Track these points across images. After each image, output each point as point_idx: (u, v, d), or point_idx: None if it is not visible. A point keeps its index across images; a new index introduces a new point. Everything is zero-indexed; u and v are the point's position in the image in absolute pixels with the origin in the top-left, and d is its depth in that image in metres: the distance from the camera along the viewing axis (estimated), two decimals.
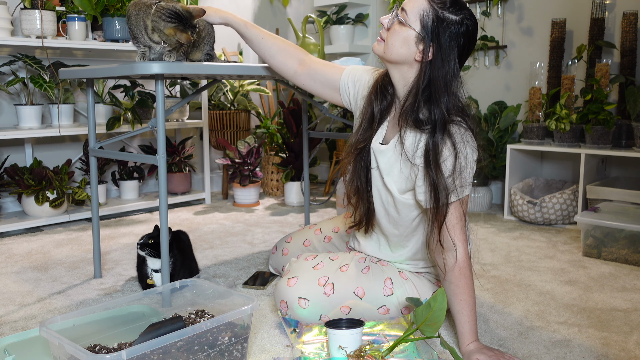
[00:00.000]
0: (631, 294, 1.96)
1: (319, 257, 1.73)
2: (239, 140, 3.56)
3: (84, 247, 2.58)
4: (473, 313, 1.47)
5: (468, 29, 1.44)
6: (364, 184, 1.63)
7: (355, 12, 4.04)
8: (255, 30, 1.76)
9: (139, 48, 1.71)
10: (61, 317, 1.37)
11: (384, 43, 1.50)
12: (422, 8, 1.43)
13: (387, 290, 1.63)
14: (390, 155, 1.55)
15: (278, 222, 3.07)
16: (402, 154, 1.51)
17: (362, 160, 1.62)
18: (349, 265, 1.67)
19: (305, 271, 1.66)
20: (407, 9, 1.45)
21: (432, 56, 1.44)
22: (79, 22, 2.93)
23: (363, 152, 1.62)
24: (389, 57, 1.50)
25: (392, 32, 1.48)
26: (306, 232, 2.06)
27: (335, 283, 1.62)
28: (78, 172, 3.29)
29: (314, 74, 1.76)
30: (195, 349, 1.29)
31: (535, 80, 3.10)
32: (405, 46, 1.46)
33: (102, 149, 2.06)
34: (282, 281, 1.66)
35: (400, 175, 1.54)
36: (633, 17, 2.88)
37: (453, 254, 1.47)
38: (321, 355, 1.46)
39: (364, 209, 1.65)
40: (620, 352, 1.53)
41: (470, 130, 1.47)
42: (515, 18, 3.37)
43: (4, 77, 2.97)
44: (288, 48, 1.78)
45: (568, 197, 2.89)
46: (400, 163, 1.53)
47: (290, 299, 1.61)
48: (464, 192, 1.47)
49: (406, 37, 1.46)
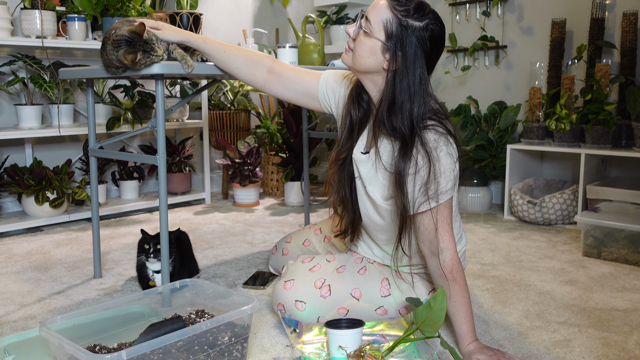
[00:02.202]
0: (631, 294, 1.96)
1: (316, 259, 1.73)
2: (239, 140, 3.56)
3: (84, 247, 2.58)
4: (469, 314, 1.47)
5: (433, 33, 1.42)
6: (348, 194, 1.62)
7: (355, 12, 4.04)
8: (215, 45, 1.68)
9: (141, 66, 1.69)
10: (61, 317, 1.37)
11: (352, 53, 1.48)
12: (385, 17, 1.40)
13: (384, 291, 1.63)
14: (370, 164, 1.54)
15: (278, 222, 3.07)
16: (379, 164, 1.50)
17: (345, 170, 1.60)
18: (345, 266, 1.67)
19: (302, 274, 1.66)
20: (370, 18, 1.42)
21: (399, 65, 1.42)
22: (79, 22, 2.93)
23: (345, 163, 1.60)
24: (358, 68, 1.48)
25: (358, 42, 1.46)
26: (306, 232, 2.06)
27: (332, 285, 1.62)
28: (78, 172, 3.29)
29: (285, 81, 1.70)
30: (195, 349, 1.29)
31: (535, 80, 3.10)
32: (373, 56, 1.44)
33: (102, 149, 2.06)
34: (278, 284, 1.67)
35: (381, 183, 1.53)
36: (633, 17, 2.88)
37: (442, 257, 1.46)
38: (321, 355, 1.46)
39: (349, 218, 1.64)
40: (620, 352, 1.53)
41: (446, 133, 1.44)
42: (515, 18, 3.37)
43: (4, 77, 2.97)
44: (254, 57, 1.70)
45: (568, 197, 2.89)
46: (379, 173, 1.53)
47: (287, 302, 1.61)
48: (443, 199, 1.44)
49: (372, 47, 1.43)
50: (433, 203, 1.43)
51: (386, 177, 1.51)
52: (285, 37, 4.38)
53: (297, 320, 1.61)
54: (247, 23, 4.13)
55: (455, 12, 3.59)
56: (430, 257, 1.49)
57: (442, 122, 1.45)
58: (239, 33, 4.05)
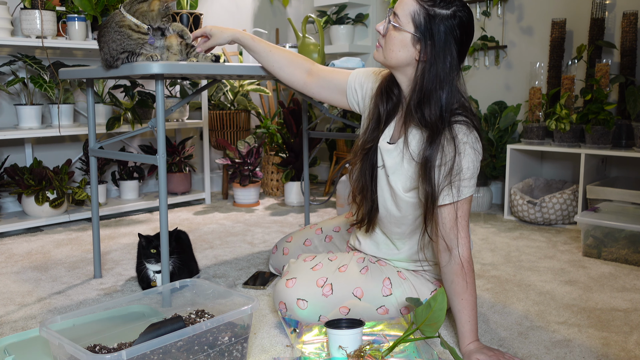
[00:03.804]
0: (631, 294, 1.96)
1: (318, 257, 1.73)
2: (239, 140, 3.56)
3: (84, 247, 2.58)
4: (474, 313, 1.48)
5: (462, 20, 1.45)
6: (369, 183, 1.65)
7: (355, 12, 4.04)
8: (262, 44, 1.79)
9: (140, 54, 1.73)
10: (61, 317, 1.37)
11: (382, 49, 1.52)
12: (412, 9, 1.44)
13: (386, 290, 1.63)
14: (396, 154, 1.57)
15: (278, 222, 3.07)
16: (406, 153, 1.53)
17: (368, 159, 1.64)
18: (347, 265, 1.67)
19: (304, 272, 1.66)
20: (398, 12, 1.47)
21: (429, 54, 1.45)
22: (79, 22, 2.93)
23: (370, 152, 1.64)
24: (390, 63, 1.51)
25: (388, 37, 1.49)
26: (307, 231, 2.06)
27: (333, 284, 1.62)
28: (78, 172, 3.29)
29: (322, 83, 1.79)
30: (195, 349, 1.29)
31: (535, 80, 3.10)
32: (404, 49, 1.47)
33: (102, 149, 2.06)
34: (280, 282, 1.67)
35: (405, 173, 1.55)
36: (633, 17, 2.88)
37: (455, 252, 1.47)
38: (321, 355, 1.46)
39: (367, 208, 1.67)
40: (620, 352, 1.53)
41: (475, 129, 1.48)
42: (515, 18, 3.37)
43: (4, 77, 2.97)
44: (295, 59, 1.80)
45: (568, 197, 2.89)
46: (405, 162, 1.54)
47: (288, 300, 1.61)
48: (465, 194, 1.47)
49: (403, 41, 1.47)
50: (456, 196, 1.46)
51: (412, 167, 1.53)
52: (285, 37, 4.38)
53: (298, 319, 1.61)
54: (247, 23, 4.13)
55: None
56: (443, 252, 1.49)
57: (472, 119, 1.48)
58: None
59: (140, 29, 1.72)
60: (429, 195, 1.46)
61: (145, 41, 1.73)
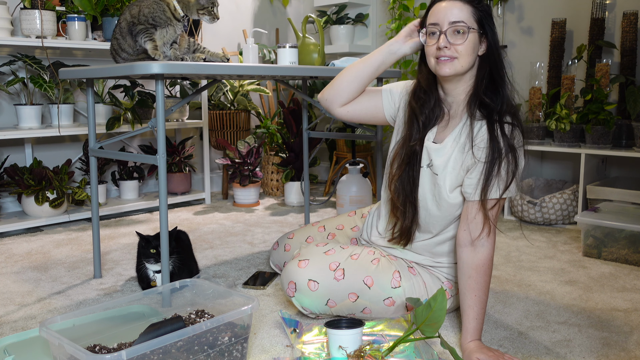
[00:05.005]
0: (631, 294, 1.96)
1: (330, 244, 1.76)
2: (239, 140, 3.56)
3: (84, 247, 2.58)
4: (483, 311, 1.50)
5: (490, 7, 1.56)
6: (409, 191, 1.64)
7: (355, 12, 4.04)
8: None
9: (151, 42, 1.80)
10: (61, 317, 1.37)
11: (458, 59, 1.50)
12: (469, 10, 1.50)
13: (395, 282, 1.65)
14: (446, 151, 1.58)
15: (278, 222, 3.07)
16: (460, 146, 1.55)
17: (410, 163, 1.63)
18: (359, 254, 1.70)
19: (317, 255, 1.69)
20: (461, 18, 1.49)
21: (488, 47, 1.53)
22: (79, 22, 2.93)
23: (412, 155, 1.63)
24: (465, 68, 1.53)
25: (466, 43, 1.50)
26: (309, 228, 2.07)
27: (346, 269, 1.64)
28: (78, 172, 3.29)
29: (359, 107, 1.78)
30: (195, 349, 1.29)
31: (535, 80, 3.10)
32: (475, 50, 1.52)
33: (102, 149, 2.06)
34: (292, 263, 1.69)
35: (453, 170, 1.57)
36: (633, 17, 2.87)
37: (480, 249, 1.50)
38: (321, 355, 1.46)
39: (408, 220, 1.66)
40: (620, 352, 1.53)
41: (522, 132, 1.53)
42: (515, 18, 3.37)
43: (4, 77, 2.97)
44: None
45: (568, 197, 2.89)
46: (454, 158, 1.56)
47: (300, 280, 1.63)
48: (506, 194, 1.50)
49: (474, 41, 1.51)
50: (498, 194, 1.49)
51: (459, 162, 1.55)
52: (285, 37, 4.38)
53: (305, 302, 1.64)
54: (247, 23, 4.13)
55: None
56: (467, 246, 1.51)
57: (522, 127, 1.54)
58: (239, 33, 4.05)
59: (176, 13, 1.83)
60: (486, 189, 1.48)
61: (172, 24, 1.84)
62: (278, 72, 2.06)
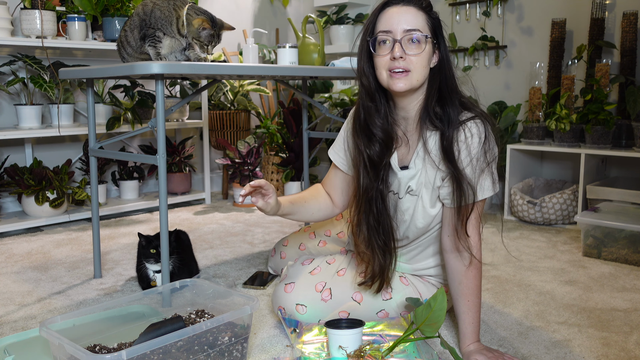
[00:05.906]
0: (631, 294, 1.96)
1: (316, 261, 1.71)
2: (239, 140, 3.56)
3: (84, 247, 2.58)
4: (478, 315, 1.48)
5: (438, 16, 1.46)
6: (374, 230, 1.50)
7: (355, 12, 4.04)
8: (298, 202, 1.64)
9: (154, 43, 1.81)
10: (61, 317, 1.37)
11: (412, 72, 1.38)
12: (423, 18, 1.40)
13: (386, 294, 1.61)
14: (417, 171, 1.50)
15: (278, 222, 3.07)
16: (428, 162, 1.47)
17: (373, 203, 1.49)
18: (346, 269, 1.66)
19: (302, 276, 1.65)
20: (417, 26, 1.38)
21: (440, 56, 1.44)
22: (79, 22, 2.93)
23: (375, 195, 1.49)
24: (419, 82, 1.41)
25: (422, 55, 1.38)
26: (301, 234, 2.07)
27: (332, 288, 1.61)
28: (78, 172, 3.29)
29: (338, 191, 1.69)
30: (195, 349, 1.29)
31: (535, 80, 3.10)
32: (429, 61, 1.42)
33: (102, 149, 2.06)
34: (279, 287, 1.66)
35: (428, 186, 1.50)
36: (633, 17, 2.88)
37: (466, 254, 1.45)
38: (321, 355, 1.46)
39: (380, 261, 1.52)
40: (620, 352, 1.53)
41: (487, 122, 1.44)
42: (515, 18, 3.37)
43: (4, 77, 2.97)
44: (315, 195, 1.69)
45: (568, 197, 2.89)
46: (426, 175, 1.49)
47: (288, 305, 1.61)
48: (482, 195, 1.44)
49: (429, 52, 1.41)
50: (473, 198, 1.42)
51: (432, 174, 1.48)
52: (285, 37, 4.38)
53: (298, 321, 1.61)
54: (247, 23, 4.13)
55: (456, 12, 3.59)
56: (452, 252, 1.47)
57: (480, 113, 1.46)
58: (239, 33, 4.05)
59: (182, 29, 1.85)
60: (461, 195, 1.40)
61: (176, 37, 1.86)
62: (278, 72, 2.06)
